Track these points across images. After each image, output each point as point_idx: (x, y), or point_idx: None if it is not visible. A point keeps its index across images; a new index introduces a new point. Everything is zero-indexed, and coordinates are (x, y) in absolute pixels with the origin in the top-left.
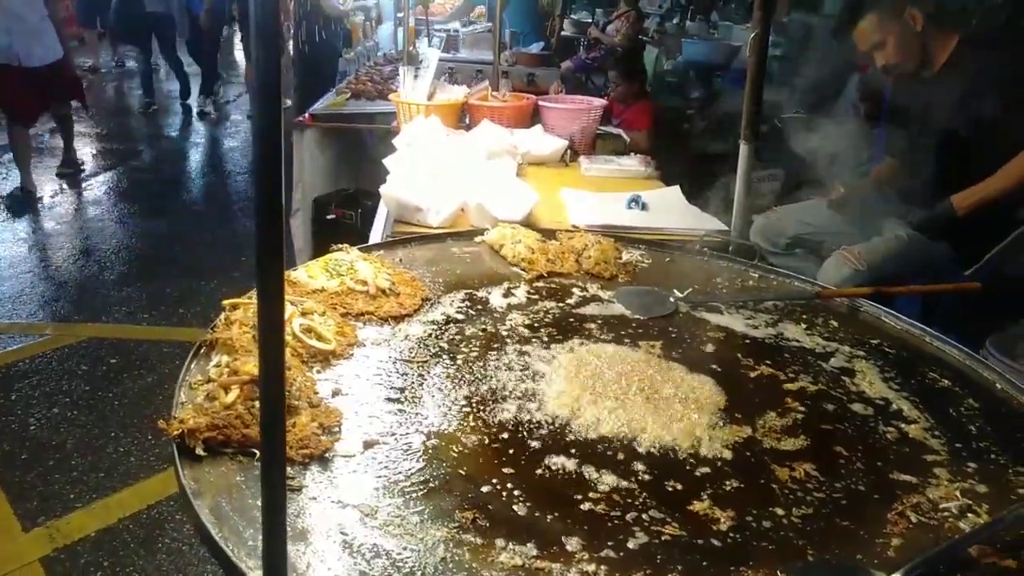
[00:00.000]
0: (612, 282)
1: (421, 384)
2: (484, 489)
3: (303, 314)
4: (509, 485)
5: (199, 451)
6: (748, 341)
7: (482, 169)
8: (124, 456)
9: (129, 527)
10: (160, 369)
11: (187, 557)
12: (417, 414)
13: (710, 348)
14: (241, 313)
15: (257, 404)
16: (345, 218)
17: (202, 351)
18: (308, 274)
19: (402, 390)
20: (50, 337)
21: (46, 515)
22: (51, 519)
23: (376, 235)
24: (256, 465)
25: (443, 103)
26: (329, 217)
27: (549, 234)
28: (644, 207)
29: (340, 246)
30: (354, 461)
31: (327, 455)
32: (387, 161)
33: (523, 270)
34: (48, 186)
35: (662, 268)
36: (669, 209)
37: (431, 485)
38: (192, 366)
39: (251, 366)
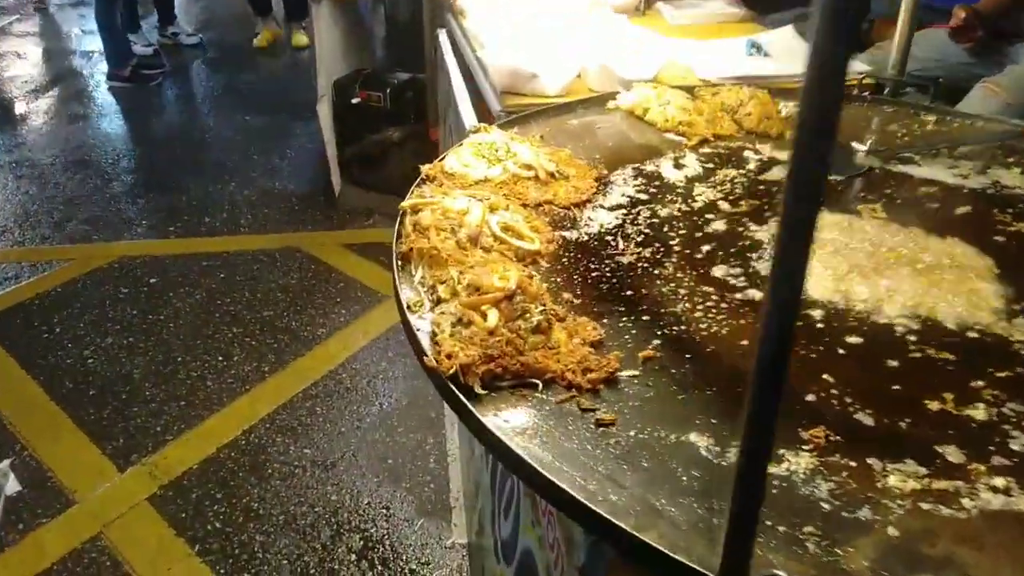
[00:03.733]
0: (781, 141)
1: (652, 279)
2: (809, 398)
3: (492, 209)
4: (833, 391)
5: (477, 389)
6: (967, 193)
7: (595, 25)
8: (199, 381)
9: (231, 455)
10: (206, 284)
11: (303, 480)
12: (670, 314)
13: (935, 206)
14: (429, 216)
15: (521, 324)
16: (371, 101)
17: (398, 263)
18: (462, 162)
19: (636, 288)
20: (76, 261)
21: (138, 452)
22: (144, 456)
23: (467, 114)
24: (546, 399)
25: None
26: (354, 101)
27: (687, 92)
28: (765, 53)
29: (479, 125)
30: (642, 380)
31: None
32: (469, 25)
33: (681, 136)
34: (21, 95)
35: None
36: (792, 53)
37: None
38: (403, 289)
39: (493, 281)
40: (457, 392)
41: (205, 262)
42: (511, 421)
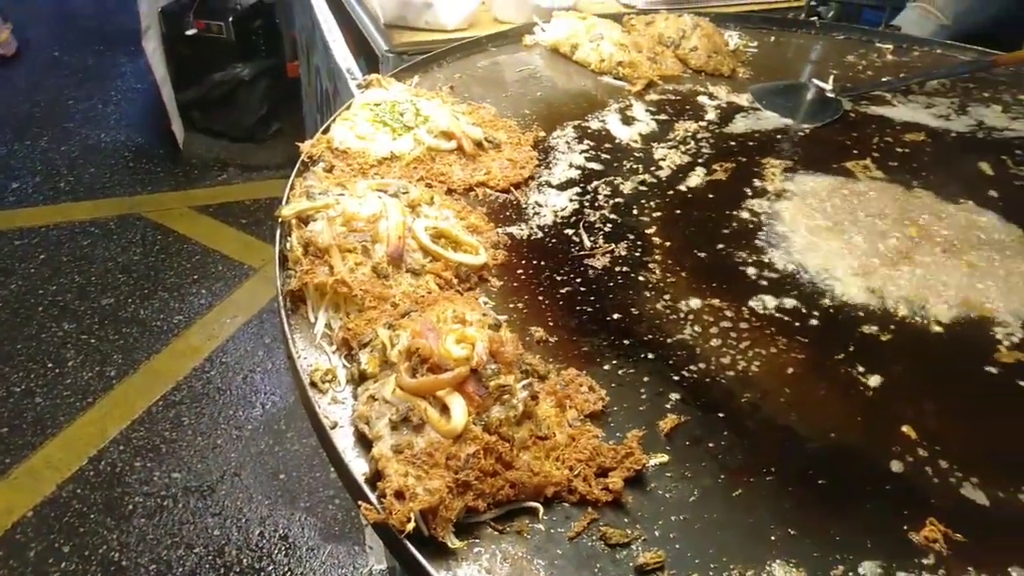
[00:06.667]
0: (733, 80)
1: (640, 291)
2: (895, 467)
3: (412, 208)
4: (921, 451)
5: (452, 543)
6: (956, 139)
7: None
8: (24, 398)
9: (77, 492)
10: (21, 270)
11: (175, 513)
12: (680, 347)
13: (928, 159)
14: (327, 230)
15: (501, 416)
16: (210, 32)
17: (287, 307)
18: (356, 133)
19: (623, 307)
20: None
21: None
22: None
23: (342, 56)
24: (553, 532)
25: None
26: (188, 33)
27: (615, 21)
28: None
29: (369, 78)
30: (676, 471)
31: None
32: None
33: (621, 80)
34: None
35: (775, 52)
36: None
37: (821, 480)
38: (300, 349)
39: (448, 346)
40: (422, 561)
41: (18, 241)
42: None
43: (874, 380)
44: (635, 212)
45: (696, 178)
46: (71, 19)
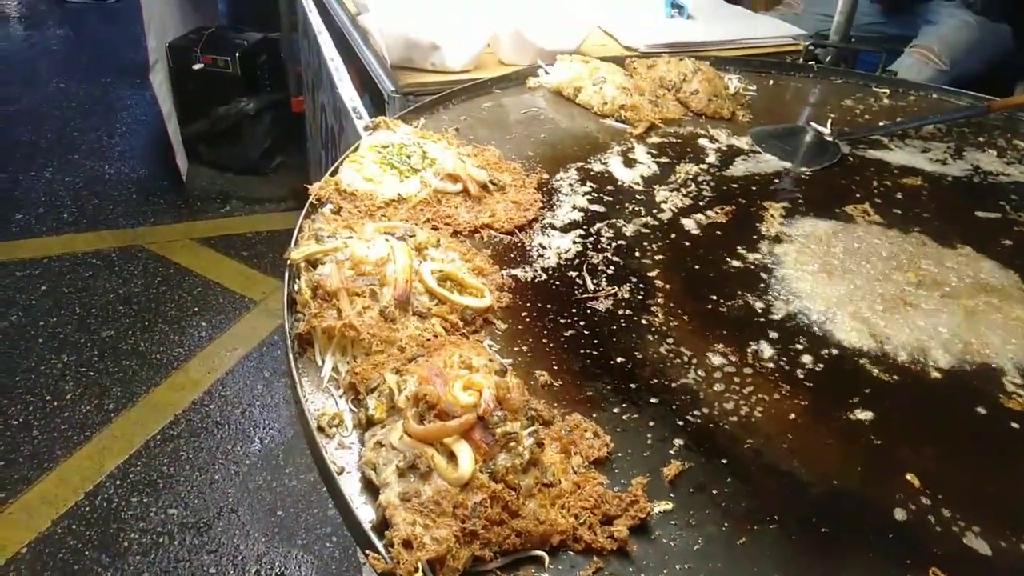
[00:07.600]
0: (733, 123)
1: (643, 335)
2: (898, 515)
3: (419, 251)
4: (924, 499)
5: None
6: (952, 183)
7: None
8: (22, 431)
9: (73, 528)
10: (22, 301)
11: (171, 550)
12: (683, 392)
13: (925, 203)
14: (336, 274)
15: (507, 463)
16: (217, 66)
17: (295, 350)
18: (364, 175)
19: (627, 351)
20: None
21: None
22: None
23: (349, 96)
24: None
25: None
26: (196, 67)
27: (618, 64)
28: (689, 15)
29: (376, 120)
30: (681, 518)
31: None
32: None
33: (623, 122)
34: None
35: (774, 96)
36: (716, 15)
37: (824, 528)
38: (307, 393)
39: (455, 393)
40: None
41: (20, 272)
42: None
43: (876, 426)
44: (637, 255)
45: (697, 221)
46: (78, 51)
